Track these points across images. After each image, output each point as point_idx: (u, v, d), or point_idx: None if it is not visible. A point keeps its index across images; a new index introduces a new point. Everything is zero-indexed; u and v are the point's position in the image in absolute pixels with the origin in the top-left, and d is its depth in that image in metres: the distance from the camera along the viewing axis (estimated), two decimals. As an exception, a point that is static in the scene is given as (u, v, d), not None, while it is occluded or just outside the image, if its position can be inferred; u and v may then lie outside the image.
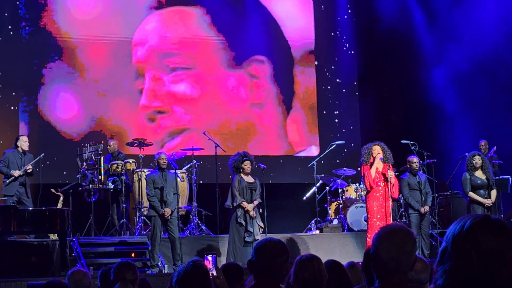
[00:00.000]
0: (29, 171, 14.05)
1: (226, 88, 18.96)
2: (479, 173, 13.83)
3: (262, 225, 13.61)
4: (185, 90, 18.50)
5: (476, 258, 2.42)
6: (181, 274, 4.58)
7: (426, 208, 13.92)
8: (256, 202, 13.54)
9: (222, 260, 13.13)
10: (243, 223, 13.35)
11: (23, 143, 14.22)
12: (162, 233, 13.45)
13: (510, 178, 15.82)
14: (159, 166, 13.48)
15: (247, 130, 19.07)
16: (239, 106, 19.01)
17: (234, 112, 18.94)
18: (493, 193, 13.80)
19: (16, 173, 13.93)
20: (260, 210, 13.84)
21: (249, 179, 13.64)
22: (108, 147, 16.04)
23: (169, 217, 13.22)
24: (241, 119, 19.01)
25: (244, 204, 13.39)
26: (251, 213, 13.37)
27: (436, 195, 15.42)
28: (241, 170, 13.61)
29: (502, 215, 13.69)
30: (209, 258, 6.38)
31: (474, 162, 13.82)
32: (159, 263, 13.26)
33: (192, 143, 16.73)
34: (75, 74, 17.64)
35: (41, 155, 14.24)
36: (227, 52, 18.96)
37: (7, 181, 13.96)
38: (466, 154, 16.38)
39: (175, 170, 13.70)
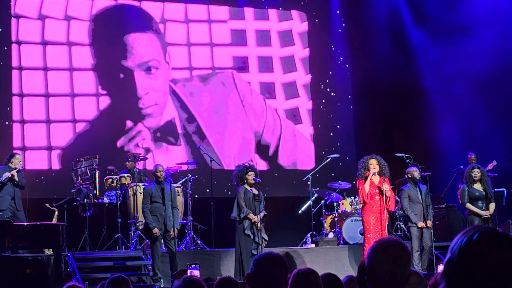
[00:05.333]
0: (10, 176, 13.73)
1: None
2: (477, 186, 13.95)
3: (266, 238, 13.60)
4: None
5: (482, 271, 2.45)
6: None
7: (429, 223, 13.94)
8: (262, 214, 13.51)
9: (228, 273, 13.09)
10: (251, 235, 13.34)
11: (18, 162, 14.09)
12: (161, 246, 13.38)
13: (505, 191, 15.90)
14: (156, 179, 13.37)
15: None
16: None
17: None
18: (492, 205, 13.91)
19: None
20: (263, 223, 13.86)
21: (254, 190, 13.62)
22: (127, 162, 15.68)
23: (172, 234, 13.19)
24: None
25: (251, 215, 13.36)
26: (258, 225, 13.35)
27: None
28: (246, 181, 13.59)
29: (497, 228, 13.70)
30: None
31: (473, 174, 13.94)
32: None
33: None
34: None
35: (19, 168, 13.99)
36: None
37: None
38: (461, 166, 16.48)
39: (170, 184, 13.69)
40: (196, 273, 8.08)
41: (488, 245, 2.47)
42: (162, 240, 13.29)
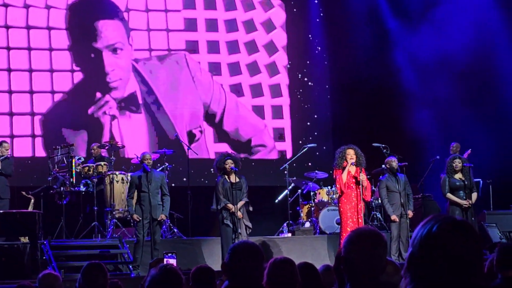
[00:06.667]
0: None
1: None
2: (458, 176, 14.03)
3: (250, 225, 13.54)
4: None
5: (445, 261, 2.44)
6: (154, 280, 4.59)
7: (410, 213, 13.99)
8: (241, 203, 13.39)
9: (205, 262, 13.06)
10: (230, 224, 13.24)
11: (5, 150, 14.07)
12: (145, 236, 13.32)
13: (481, 181, 15.99)
14: (143, 168, 13.27)
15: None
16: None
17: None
18: (474, 195, 14.03)
19: None
20: (251, 208, 13.80)
21: (234, 178, 13.47)
22: (92, 151, 16.12)
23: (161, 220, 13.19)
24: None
25: (229, 206, 13.27)
26: (238, 214, 13.31)
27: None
28: (225, 170, 13.49)
29: (473, 218, 13.78)
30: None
31: (454, 165, 14.04)
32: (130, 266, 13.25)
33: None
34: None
35: (8, 155, 14.08)
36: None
37: None
38: (438, 157, 16.54)
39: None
40: (173, 262, 8.07)
41: (448, 234, 2.46)
42: (147, 229, 13.19)
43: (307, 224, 16.07)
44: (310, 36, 20.25)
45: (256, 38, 19.88)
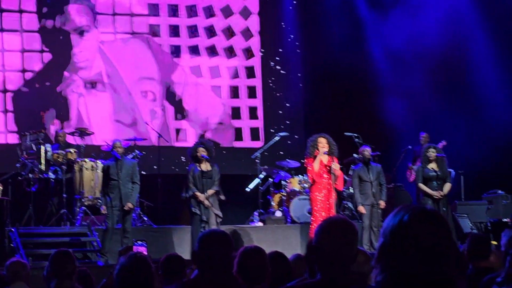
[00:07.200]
0: None
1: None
2: (433, 165, 13.94)
3: (220, 214, 13.52)
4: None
5: (417, 251, 2.42)
6: (123, 268, 4.56)
7: (382, 203, 14.01)
8: (210, 191, 13.36)
9: (175, 250, 13.04)
10: (198, 212, 13.23)
11: None
12: (115, 223, 13.30)
13: (453, 172, 16.03)
14: (114, 155, 13.27)
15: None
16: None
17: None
18: (447, 186, 13.88)
19: None
20: (223, 197, 13.73)
21: (205, 167, 13.43)
22: (59, 137, 16.09)
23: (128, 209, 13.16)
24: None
25: (197, 194, 13.25)
26: (205, 203, 13.28)
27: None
28: (197, 158, 13.45)
29: (444, 208, 13.79)
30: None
31: (428, 154, 13.94)
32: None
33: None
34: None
35: None
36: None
37: None
38: (410, 146, 16.61)
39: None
40: (143, 250, 8.04)
41: (419, 224, 2.45)
42: (117, 217, 13.16)
43: (278, 213, 16.06)
44: (283, 24, 20.23)
45: (216, 23, 20.16)
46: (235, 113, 19.86)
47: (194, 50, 19.92)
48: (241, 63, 20.04)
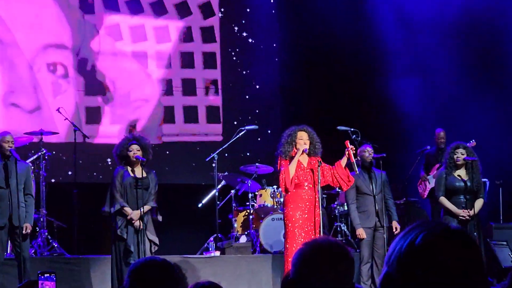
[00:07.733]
0: None
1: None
2: (461, 173, 13.76)
3: (156, 240, 13.39)
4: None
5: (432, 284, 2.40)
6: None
7: (395, 224, 14.02)
8: (146, 208, 13.24)
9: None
10: (125, 236, 13.10)
11: None
12: (5, 252, 13.22)
13: (488, 182, 16.04)
14: (2, 153, 13.14)
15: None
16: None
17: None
18: (479, 202, 13.74)
19: None
20: (160, 218, 13.61)
21: (139, 172, 13.26)
22: None
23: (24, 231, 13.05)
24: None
25: (127, 210, 13.12)
26: (137, 224, 13.13)
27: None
28: (127, 159, 13.34)
29: (475, 233, 13.73)
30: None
31: (455, 156, 13.70)
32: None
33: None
34: None
35: None
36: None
37: None
38: (428, 147, 16.65)
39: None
40: (51, 285, 7.97)
41: (439, 247, 2.41)
42: (8, 241, 13.08)
43: (243, 239, 16.12)
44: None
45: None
46: (188, 88, 19.87)
47: (136, 6, 19.79)
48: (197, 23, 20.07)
